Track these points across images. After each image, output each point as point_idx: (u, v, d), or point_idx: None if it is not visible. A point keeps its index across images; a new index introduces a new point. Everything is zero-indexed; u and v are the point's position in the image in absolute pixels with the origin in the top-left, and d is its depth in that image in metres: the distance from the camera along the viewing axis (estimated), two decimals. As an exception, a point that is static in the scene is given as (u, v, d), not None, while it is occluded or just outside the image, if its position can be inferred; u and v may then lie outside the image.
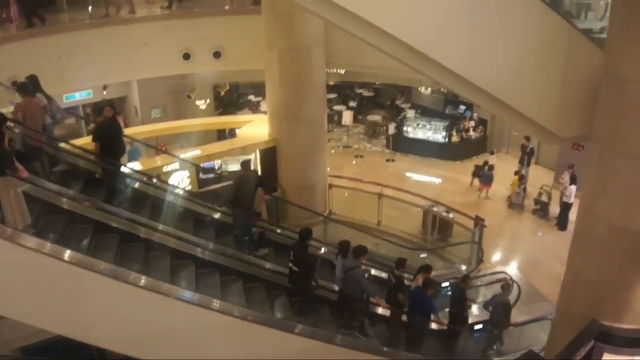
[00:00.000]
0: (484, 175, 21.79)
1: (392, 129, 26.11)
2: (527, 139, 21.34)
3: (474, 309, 15.23)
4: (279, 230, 15.31)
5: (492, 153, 23.41)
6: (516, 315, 14.32)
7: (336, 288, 12.87)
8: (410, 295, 12.85)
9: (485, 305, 14.02)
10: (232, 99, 28.72)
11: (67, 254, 8.84)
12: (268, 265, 13.57)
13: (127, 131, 17.01)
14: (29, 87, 12.29)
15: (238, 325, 10.06)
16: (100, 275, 8.92)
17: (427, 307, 12.63)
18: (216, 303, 10.25)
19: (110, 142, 12.22)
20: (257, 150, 18.66)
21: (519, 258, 18.06)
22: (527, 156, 21.95)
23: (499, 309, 13.54)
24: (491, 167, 21.79)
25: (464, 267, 16.97)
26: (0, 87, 14.33)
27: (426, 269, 13.29)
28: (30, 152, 11.48)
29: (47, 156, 12.17)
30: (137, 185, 13.63)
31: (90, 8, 19.36)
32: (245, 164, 13.81)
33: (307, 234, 12.55)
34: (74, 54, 17.57)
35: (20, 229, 9.43)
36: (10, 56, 16.07)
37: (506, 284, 14.19)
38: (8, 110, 12.89)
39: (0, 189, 9.45)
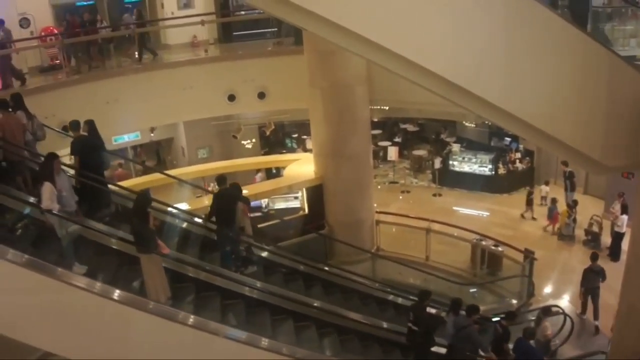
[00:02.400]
0: (551, 210, 21.39)
1: (437, 163, 26.02)
2: (565, 163, 21.07)
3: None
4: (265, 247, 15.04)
5: (546, 184, 23.07)
6: (569, 350, 14.10)
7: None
8: (516, 347, 12.64)
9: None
10: (277, 138, 29.01)
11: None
12: (316, 303, 13.53)
13: (175, 172, 17.33)
14: (9, 103, 12.60)
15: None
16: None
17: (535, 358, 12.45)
18: (264, 341, 10.35)
19: (88, 158, 12.48)
20: (304, 189, 18.77)
21: (571, 290, 17.68)
22: (568, 181, 21.67)
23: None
24: (554, 201, 21.23)
25: (514, 301, 16.76)
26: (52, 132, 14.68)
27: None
28: (12, 167, 11.87)
29: (29, 171, 12.24)
30: (184, 225, 13.82)
31: (136, 54, 19.87)
32: (222, 180, 13.39)
33: (427, 295, 12.71)
34: (122, 98, 17.98)
35: (163, 302, 10.11)
36: (60, 101, 16.59)
37: (537, 317, 13.95)
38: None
39: (144, 265, 10.29)
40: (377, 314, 14.59)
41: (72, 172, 12.48)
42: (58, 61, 19.43)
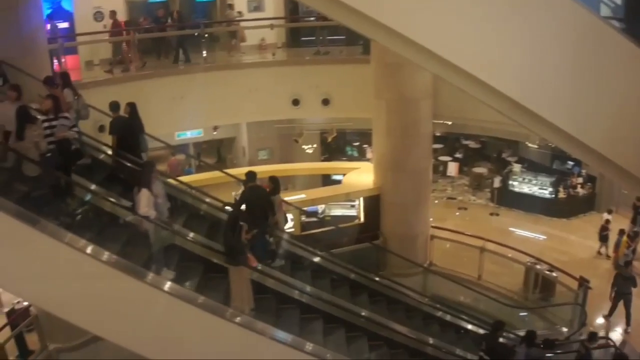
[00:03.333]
0: (618, 241, 20.34)
1: (497, 182, 25.78)
2: (639, 199, 20.68)
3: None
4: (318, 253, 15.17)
5: (609, 212, 22.46)
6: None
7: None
8: None
9: None
10: (338, 145, 29.12)
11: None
12: (364, 313, 13.59)
13: (234, 171, 17.55)
14: (57, 81, 13.00)
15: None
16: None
17: None
18: (309, 346, 10.54)
19: (126, 138, 12.85)
20: (362, 198, 18.82)
21: (623, 322, 17.36)
22: (639, 216, 21.24)
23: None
24: (622, 232, 20.09)
25: (565, 329, 16.51)
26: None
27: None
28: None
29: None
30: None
31: (204, 53, 20.21)
32: (252, 176, 13.33)
33: (500, 326, 12.80)
34: (187, 96, 18.30)
35: (247, 313, 10.59)
36: (127, 94, 16.85)
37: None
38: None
39: (232, 276, 10.74)
40: (421, 328, 14.53)
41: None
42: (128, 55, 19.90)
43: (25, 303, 15.72)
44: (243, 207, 12.90)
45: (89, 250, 9.60)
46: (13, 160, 10.89)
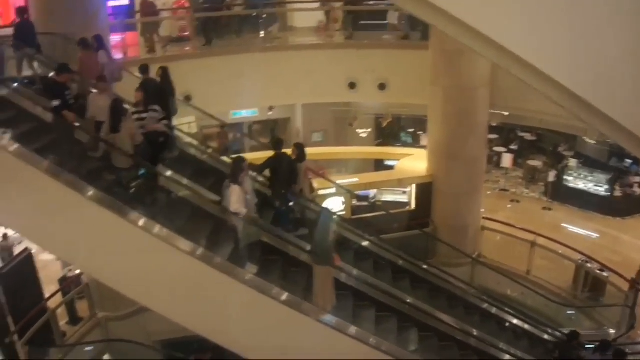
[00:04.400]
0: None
1: (552, 176, 25.45)
2: None
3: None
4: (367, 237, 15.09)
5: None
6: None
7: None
8: None
9: None
10: (393, 130, 29.00)
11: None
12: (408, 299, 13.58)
13: (288, 152, 17.65)
14: (90, 42, 13.32)
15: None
16: (244, 285, 9.75)
17: None
18: (352, 329, 10.62)
19: (155, 101, 12.64)
20: (414, 185, 18.76)
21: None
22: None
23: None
24: None
25: (612, 331, 16.24)
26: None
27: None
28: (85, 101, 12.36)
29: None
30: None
31: (262, 33, 20.31)
32: (279, 142, 13.26)
33: (576, 336, 12.81)
34: (245, 75, 18.47)
35: (328, 310, 10.78)
36: (185, 71, 17.12)
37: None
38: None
39: (317, 275, 10.90)
40: (462, 317, 14.43)
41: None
42: (187, 33, 20.14)
43: (78, 271, 16.11)
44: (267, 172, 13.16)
45: (150, 226, 9.95)
46: (103, 151, 11.22)
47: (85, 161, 11.04)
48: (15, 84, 12.31)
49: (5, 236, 18.69)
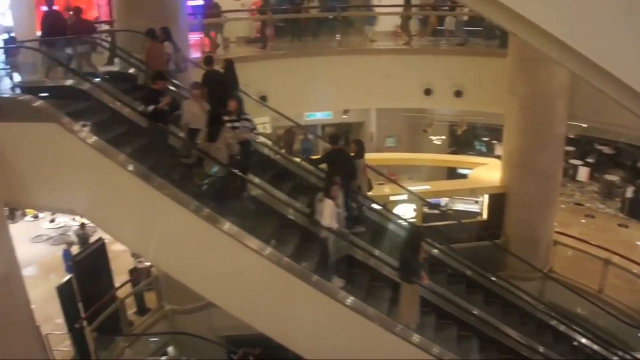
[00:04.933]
0: None
1: (629, 192, 24.78)
2: None
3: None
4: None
5: None
6: None
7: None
8: None
9: None
10: (467, 138, 28.75)
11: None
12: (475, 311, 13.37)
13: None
14: (156, 33, 13.69)
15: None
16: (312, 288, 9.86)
17: None
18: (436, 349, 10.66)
19: (217, 91, 12.97)
20: (486, 195, 18.52)
21: None
22: None
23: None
24: None
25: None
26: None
27: None
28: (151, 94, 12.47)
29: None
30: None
31: (338, 37, 20.36)
32: (335, 137, 13.14)
33: None
34: (320, 77, 18.60)
35: (412, 328, 10.84)
36: (260, 72, 17.37)
37: None
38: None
39: (404, 292, 10.94)
40: (534, 336, 14.17)
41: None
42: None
43: (147, 263, 16.47)
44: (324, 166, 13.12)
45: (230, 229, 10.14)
46: (195, 157, 11.55)
47: (177, 167, 11.47)
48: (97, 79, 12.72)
49: (83, 225, 19.30)
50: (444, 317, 12.66)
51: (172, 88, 13.52)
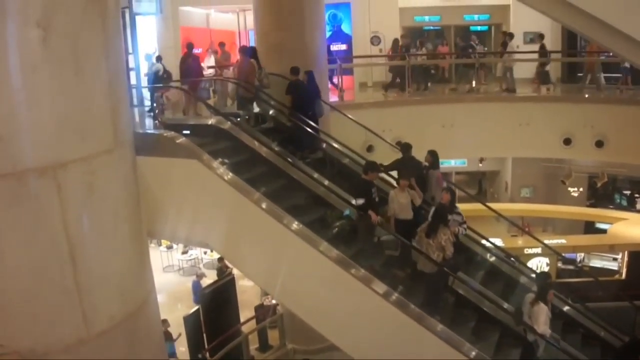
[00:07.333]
0: None
1: None
2: None
3: None
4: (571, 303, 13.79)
5: None
6: None
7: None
8: None
9: None
10: (607, 191, 27.53)
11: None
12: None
13: (495, 206, 17.18)
14: (247, 51, 14.82)
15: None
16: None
17: None
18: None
19: (300, 99, 13.86)
20: (626, 252, 17.57)
21: None
22: None
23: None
24: None
25: None
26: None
27: None
28: (242, 102, 14.03)
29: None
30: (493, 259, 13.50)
31: (473, 83, 20.03)
32: (407, 147, 12.98)
33: None
34: (457, 124, 18.22)
35: None
36: (397, 118, 17.27)
37: None
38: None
39: None
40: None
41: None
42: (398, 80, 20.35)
43: (274, 301, 16.65)
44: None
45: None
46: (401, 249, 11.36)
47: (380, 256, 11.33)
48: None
49: (221, 259, 19.78)
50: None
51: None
